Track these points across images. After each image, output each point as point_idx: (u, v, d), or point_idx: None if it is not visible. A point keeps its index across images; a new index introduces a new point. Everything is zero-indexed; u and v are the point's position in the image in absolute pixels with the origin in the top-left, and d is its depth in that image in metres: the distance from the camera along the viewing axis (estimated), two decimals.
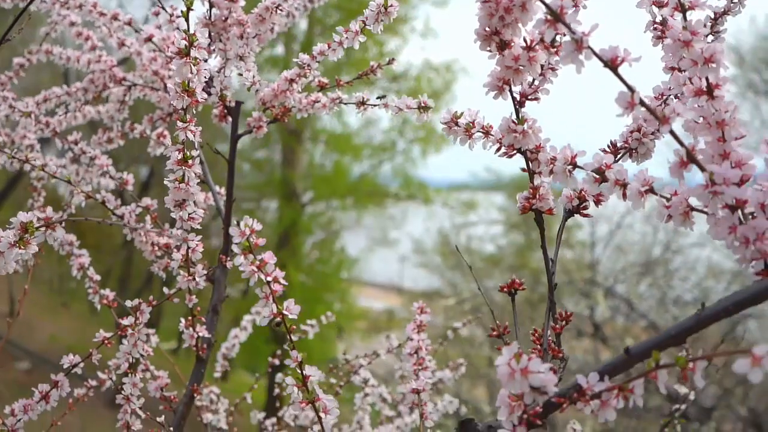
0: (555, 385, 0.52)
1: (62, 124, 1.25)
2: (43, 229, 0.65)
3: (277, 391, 1.42)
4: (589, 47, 0.50)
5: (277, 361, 1.44)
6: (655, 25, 0.62)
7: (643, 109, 0.53)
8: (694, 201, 0.55)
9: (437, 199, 11.09)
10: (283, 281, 0.63)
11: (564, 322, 0.63)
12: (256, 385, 1.52)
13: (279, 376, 1.23)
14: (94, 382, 1.14)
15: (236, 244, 0.61)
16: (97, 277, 1.10)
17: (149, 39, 1.06)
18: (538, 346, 0.64)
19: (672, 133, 0.52)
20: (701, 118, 0.55)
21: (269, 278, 0.63)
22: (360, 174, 11.73)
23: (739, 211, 0.53)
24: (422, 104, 0.86)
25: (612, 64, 0.51)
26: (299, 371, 0.66)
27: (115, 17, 1.11)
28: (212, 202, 1.12)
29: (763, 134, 8.97)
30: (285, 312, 0.64)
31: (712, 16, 0.74)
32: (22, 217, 0.66)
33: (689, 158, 0.52)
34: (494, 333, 0.60)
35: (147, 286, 8.18)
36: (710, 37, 0.73)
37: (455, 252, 9.46)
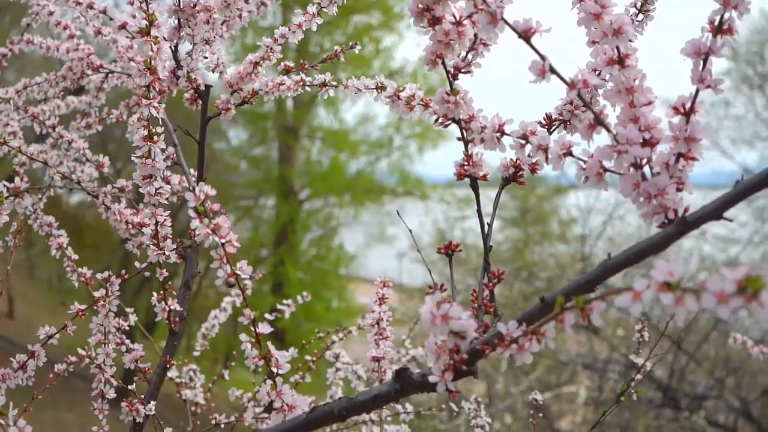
0: (475, 331, 0.57)
1: (46, 114, 1.30)
2: (12, 198, 0.70)
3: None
4: (503, 19, 0.55)
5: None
6: (580, 3, 0.66)
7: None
8: (607, 163, 0.60)
9: (434, 195, 11.13)
10: (236, 243, 0.68)
11: (497, 280, 0.68)
12: (233, 363, 1.57)
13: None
14: (74, 358, 1.19)
15: (191, 208, 0.66)
16: (75, 257, 1.15)
17: (123, 26, 1.10)
18: (476, 305, 0.69)
19: (580, 97, 0.56)
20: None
21: (223, 240, 0.67)
22: (357, 171, 11.79)
23: (648, 169, 0.58)
24: (379, 85, 0.91)
25: (525, 35, 0.55)
26: (253, 329, 0.70)
27: (90, 6, 1.15)
28: (186, 184, 1.17)
29: (758, 127, 9.01)
30: (238, 272, 0.68)
31: None
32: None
33: (597, 121, 0.56)
34: (430, 291, 0.64)
35: (146, 284, 8.23)
36: (640, 16, 0.78)
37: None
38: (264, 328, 0.70)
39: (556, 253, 8.41)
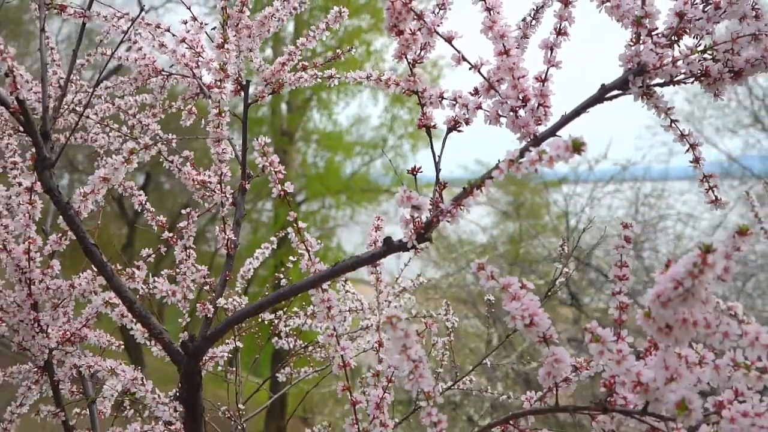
0: (428, 209, 1.00)
1: (127, 104, 1.73)
2: (143, 149, 1.13)
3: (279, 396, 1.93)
4: (435, 31, 0.99)
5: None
6: (483, 16, 1.09)
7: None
8: (501, 111, 1.03)
9: (429, 193, 11.53)
10: (283, 171, 1.11)
11: (443, 186, 1.12)
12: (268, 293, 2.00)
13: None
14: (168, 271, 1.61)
15: (256, 150, 1.09)
16: (152, 210, 1.58)
17: (183, 40, 1.53)
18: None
19: (480, 74, 1.00)
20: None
21: (276, 169, 1.11)
22: (352, 171, 12.21)
23: (522, 111, 1.02)
24: (368, 74, 1.34)
25: (448, 39, 0.99)
26: (296, 225, 1.13)
27: (158, 26, 1.58)
28: (231, 156, 1.60)
29: (740, 115, 9.46)
30: (285, 188, 1.11)
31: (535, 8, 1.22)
32: (130, 145, 1.14)
33: (489, 86, 1.00)
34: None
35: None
36: (533, 22, 1.21)
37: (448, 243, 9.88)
38: (303, 224, 1.13)
39: (549, 245, 8.87)
